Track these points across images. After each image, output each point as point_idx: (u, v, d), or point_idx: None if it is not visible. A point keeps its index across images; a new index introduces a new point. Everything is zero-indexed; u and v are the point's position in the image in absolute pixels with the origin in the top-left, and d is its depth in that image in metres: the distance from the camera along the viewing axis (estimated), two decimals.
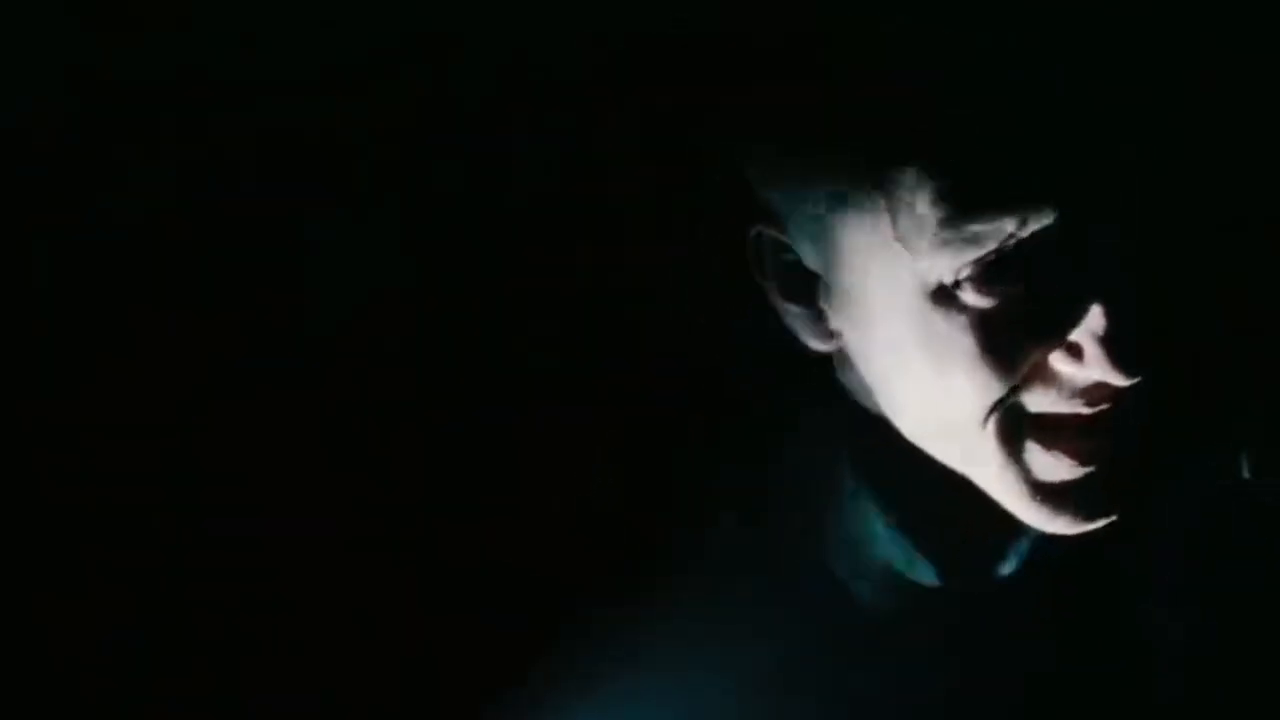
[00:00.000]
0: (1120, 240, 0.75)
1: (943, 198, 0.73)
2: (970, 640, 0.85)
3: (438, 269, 1.10)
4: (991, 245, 0.73)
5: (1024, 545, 0.84)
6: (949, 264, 0.74)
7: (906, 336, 0.78)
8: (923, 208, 0.74)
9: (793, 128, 0.78)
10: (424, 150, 1.09)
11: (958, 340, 0.76)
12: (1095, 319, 0.75)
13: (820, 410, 0.88)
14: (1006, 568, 0.85)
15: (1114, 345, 0.74)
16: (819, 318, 0.83)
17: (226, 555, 1.07)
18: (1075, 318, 0.75)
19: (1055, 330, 0.76)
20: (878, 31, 0.75)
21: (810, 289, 0.82)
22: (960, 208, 0.73)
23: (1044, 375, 0.77)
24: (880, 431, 0.83)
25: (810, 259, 0.81)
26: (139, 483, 1.07)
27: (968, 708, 0.85)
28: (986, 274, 0.74)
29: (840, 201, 0.77)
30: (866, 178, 0.75)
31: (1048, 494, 0.79)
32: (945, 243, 0.74)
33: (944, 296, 0.76)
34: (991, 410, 0.77)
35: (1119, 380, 0.75)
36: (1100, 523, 0.80)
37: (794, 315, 0.83)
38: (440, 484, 1.10)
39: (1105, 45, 0.74)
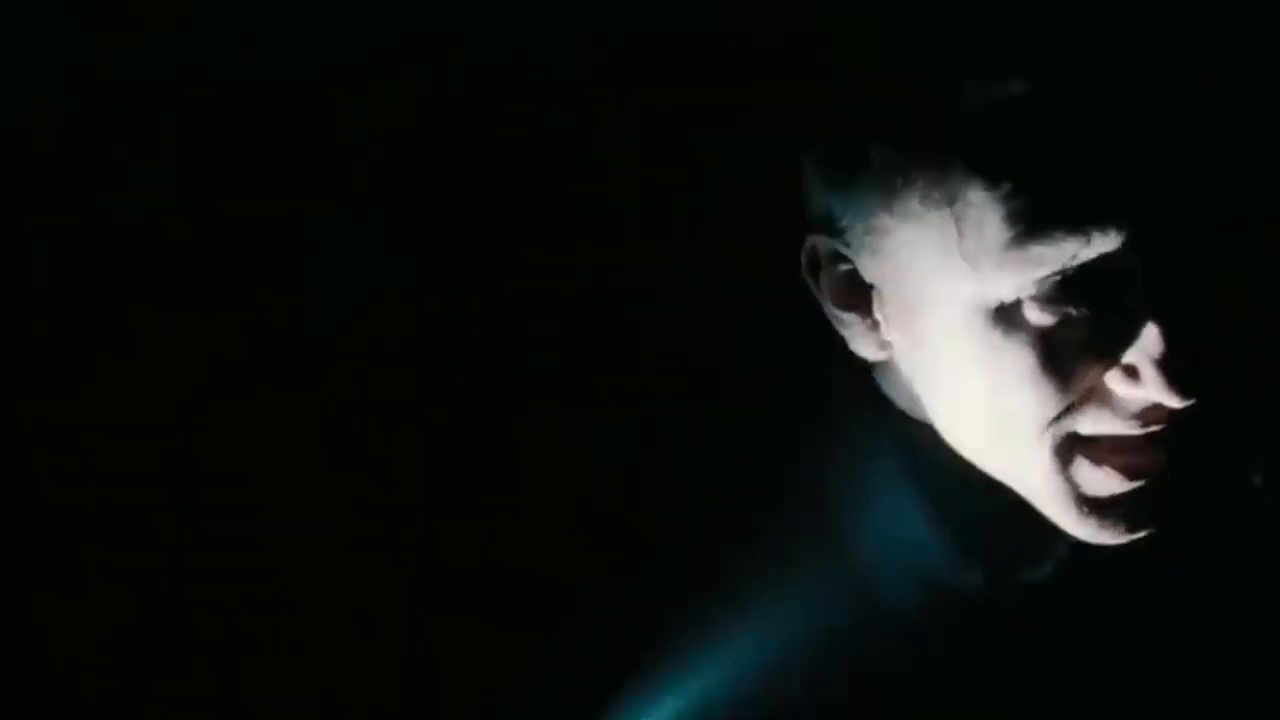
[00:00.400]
0: (1177, 261, 0.75)
1: (1010, 218, 0.74)
2: (991, 640, 0.85)
3: (438, 269, 1.10)
4: (1056, 266, 0.74)
5: (1061, 551, 0.84)
6: (1012, 282, 0.75)
7: (965, 352, 0.78)
8: (990, 227, 0.74)
9: (867, 141, 0.78)
10: (424, 150, 1.09)
11: (1017, 357, 0.76)
12: (1152, 341, 0.75)
13: (822, 410, 0.88)
14: (1042, 572, 0.85)
15: (1172, 368, 0.75)
16: (873, 328, 0.83)
17: (226, 555, 1.07)
18: (1134, 339, 0.75)
19: (1114, 351, 0.76)
20: (952, 42, 0.75)
21: (866, 299, 0.82)
22: (1027, 228, 0.73)
23: (1099, 395, 0.77)
24: (926, 439, 0.84)
25: (868, 270, 0.81)
26: (139, 483, 1.07)
27: (983, 707, 0.85)
28: (1049, 293, 0.75)
29: (906, 217, 0.77)
30: (936, 194, 0.75)
31: (1096, 508, 0.79)
32: (1010, 262, 0.74)
33: (1005, 314, 0.76)
34: (1045, 428, 0.78)
35: (1176, 403, 0.75)
36: (1145, 533, 0.80)
37: (847, 324, 0.83)
38: (440, 484, 1.10)
39: (1162, 63, 0.74)
